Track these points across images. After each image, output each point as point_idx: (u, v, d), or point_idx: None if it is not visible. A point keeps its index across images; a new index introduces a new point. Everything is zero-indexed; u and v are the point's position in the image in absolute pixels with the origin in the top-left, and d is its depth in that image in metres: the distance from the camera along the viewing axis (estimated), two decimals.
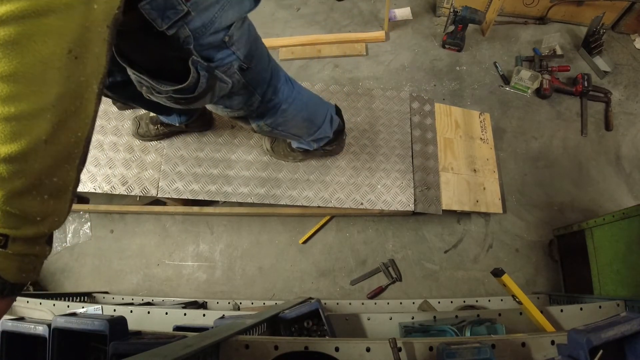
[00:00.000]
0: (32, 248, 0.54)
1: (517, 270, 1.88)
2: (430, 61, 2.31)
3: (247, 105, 1.08)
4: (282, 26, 2.42)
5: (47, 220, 0.54)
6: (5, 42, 0.43)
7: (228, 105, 1.07)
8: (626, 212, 1.38)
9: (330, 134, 1.50)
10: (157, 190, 1.70)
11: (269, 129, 1.22)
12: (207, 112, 1.70)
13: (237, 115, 1.13)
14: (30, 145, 0.47)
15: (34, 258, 0.55)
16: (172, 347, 0.63)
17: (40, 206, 0.52)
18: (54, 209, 0.54)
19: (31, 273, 0.56)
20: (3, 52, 0.43)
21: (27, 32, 0.43)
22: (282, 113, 1.19)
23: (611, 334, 0.67)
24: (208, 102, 0.95)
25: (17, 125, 0.46)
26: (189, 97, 0.86)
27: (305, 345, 0.74)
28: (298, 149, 1.62)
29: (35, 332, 0.90)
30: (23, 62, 0.44)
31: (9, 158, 0.47)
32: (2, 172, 0.47)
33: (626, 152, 2.09)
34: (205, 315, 1.28)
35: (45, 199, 0.52)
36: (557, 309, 1.20)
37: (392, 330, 1.20)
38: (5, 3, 0.41)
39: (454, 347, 0.68)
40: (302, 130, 1.37)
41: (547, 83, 2.14)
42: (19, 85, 0.45)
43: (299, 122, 1.30)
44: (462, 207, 1.81)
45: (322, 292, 1.87)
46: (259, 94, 1.07)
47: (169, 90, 0.83)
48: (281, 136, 1.38)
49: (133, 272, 1.94)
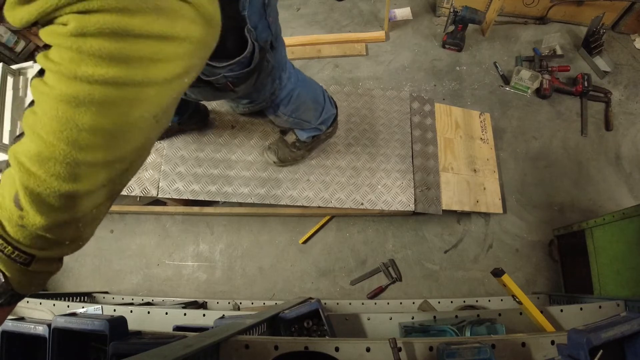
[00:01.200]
0: (50, 266, 0.56)
1: (517, 270, 1.88)
2: (430, 61, 2.31)
3: (271, 94, 1.11)
4: (282, 26, 2.41)
5: (74, 244, 0.56)
6: (103, 102, 0.44)
7: (255, 98, 1.08)
8: (626, 212, 1.38)
9: (334, 110, 1.53)
10: (158, 190, 1.70)
11: (286, 117, 1.26)
12: (201, 108, 1.69)
13: (259, 107, 1.15)
14: (89, 189, 0.49)
15: (47, 275, 0.57)
16: (172, 347, 0.63)
17: (74, 233, 0.54)
18: (83, 234, 0.56)
19: (39, 287, 0.58)
20: (97, 108, 0.44)
21: (127, 97, 0.45)
22: (297, 97, 1.23)
23: (611, 334, 0.67)
24: (252, 85, 0.96)
25: (85, 170, 0.48)
26: (244, 73, 0.88)
27: (305, 345, 0.74)
28: (305, 140, 1.61)
29: (35, 332, 0.90)
30: (114, 122, 0.46)
31: (67, 195, 0.48)
32: (55, 204, 0.48)
33: (626, 152, 2.09)
34: (205, 315, 1.28)
35: (79, 227, 0.53)
36: (557, 309, 1.20)
37: (392, 330, 1.20)
38: (111, 66, 0.43)
39: (454, 347, 0.68)
40: (312, 113, 1.40)
41: (547, 83, 2.14)
42: (101, 138, 0.46)
43: (310, 105, 1.34)
44: (462, 207, 1.81)
45: (322, 292, 1.87)
46: (278, 79, 1.10)
47: (225, 67, 0.85)
48: (295, 125, 1.39)
49: (133, 272, 1.94)
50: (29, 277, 0.54)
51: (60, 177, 0.47)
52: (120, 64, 0.43)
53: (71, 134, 0.45)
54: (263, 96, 1.11)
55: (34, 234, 0.50)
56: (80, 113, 0.44)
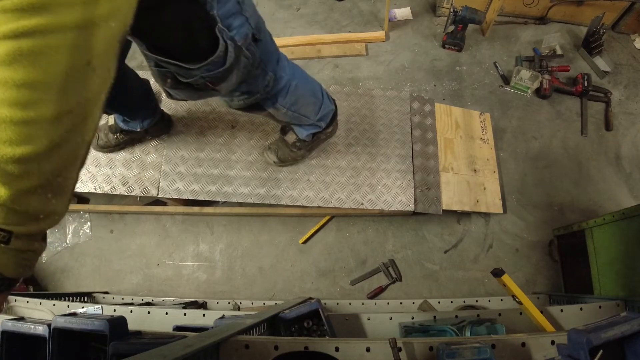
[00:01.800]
0: (32, 244, 0.57)
1: (517, 270, 1.88)
2: (430, 61, 2.31)
3: (265, 85, 1.11)
4: (282, 26, 2.42)
5: (48, 218, 0.57)
6: (30, 53, 0.46)
7: (247, 90, 1.09)
8: (626, 212, 1.38)
9: (332, 106, 1.53)
10: (158, 190, 1.70)
11: (285, 110, 1.26)
12: (165, 116, 1.71)
13: (255, 100, 1.15)
14: (44, 148, 0.50)
15: (31, 254, 0.58)
16: (172, 347, 0.63)
17: (44, 205, 0.55)
18: (56, 207, 0.57)
19: (27, 268, 0.59)
20: (28, 61, 0.46)
21: (52, 44, 0.46)
22: (295, 89, 1.23)
23: (611, 334, 0.67)
24: (234, 82, 0.97)
25: (34, 128, 0.49)
26: (220, 72, 0.89)
27: (305, 345, 0.74)
28: (305, 139, 1.60)
29: (35, 332, 0.90)
30: (47, 71, 0.47)
31: (23, 159, 0.49)
32: (14, 171, 0.49)
33: (626, 152, 2.09)
34: (205, 315, 1.28)
35: (48, 198, 0.55)
36: (557, 309, 1.20)
37: (392, 330, 1.20)
38: (33, 16, 0.44)
39: (454, 347, 0.68)
40: (310, 107, 1.40)
41: (547, 83, 2.14)
42: (41, 92, 0.48)
43: (308, 98, 1.34)
44: (462, 207, 1.81)
45: (322, 292, 1.87)
46: (271, 71, 1.10)
47: (201, 68, 0.86)
48: (294, 120, 1.39)
49: (133, 272, 1.94)
50: (13, 257, 0.55)
51: (12, 141, 0.48)
52: (41, 12, 0.44)
53: (11, 95, 0.46)
54: (257, 88, 1.11)
55: (4, 209, 0.51)
56: (14, 70, 0.45)
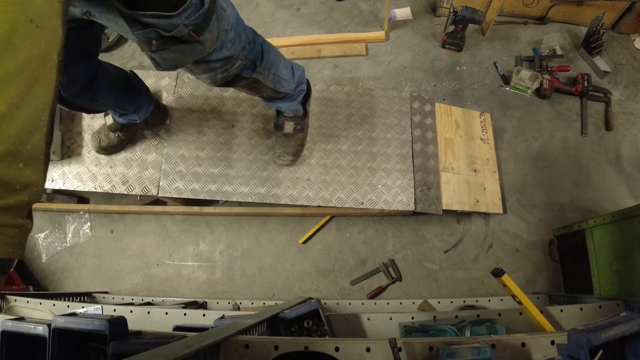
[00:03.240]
0: (15, 219, 0.57)
1: (517, 270, 1.88)
2: (430, 61, 2.31)
3: (242, 49, 1.12)
4: (282, 26, 2.42)
5: (26, 189, 0.57)
6: None
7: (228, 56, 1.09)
8: (626, 212, 1.38)
9: (298, 66, 1.54)
10: (158, 189, 1.70)
11: (267, 73, 1.27)
12: (160, 105, 1.73)
13: (237, 69, 1.16)
14: (3, 109, 0.51)
15: (17, 231, 0.58)
16: (172, 347, 0.63)
17: (17, 174, 0.55)
18: (31, 178, 0.57)
19: (16, 248, 0.59)
20: None
21: None
22: (268, 51, 1.25)
23: (611, 334, 0.67)
24: (215, 33, 0.98)
25: None
26: (201, 16, 0.90)
27: (305, 345, 0.74)
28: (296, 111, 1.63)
29: (35, 332, 0.90)
30: None
31: None
32: None
33: (626, 152, 2.09)
34: (205, 315, 1.28)
35: (21, 168, 0.55)
36: (557, 309, 1.20)
37: (392, 330, 1.20)
38: None
39: (454, 347, 0.68)
40: (284, 70, 1.40)
41: (547, 83, 2.14)
42: None
43: (279, 59, 1.35)
44: (462, 207, 1.81)
45: (322, 292, 1.87)
46: (243, 33, 1.12)
47: (181, 14, 0.87)
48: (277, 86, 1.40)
49: (133, 272, 1.94)
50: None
51: None
52: None
53: None
54: (236, 51, 1.12)
55: None
56: None
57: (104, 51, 2.31)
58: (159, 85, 1.86)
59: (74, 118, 1.81)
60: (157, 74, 1.88)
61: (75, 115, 1.82)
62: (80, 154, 1.76)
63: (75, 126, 1.80)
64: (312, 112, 1.85)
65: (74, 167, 1.74)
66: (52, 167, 1.74)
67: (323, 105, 1.88)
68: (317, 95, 1.89)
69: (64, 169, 1.74)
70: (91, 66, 1.26)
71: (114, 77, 1.42)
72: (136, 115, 1.61)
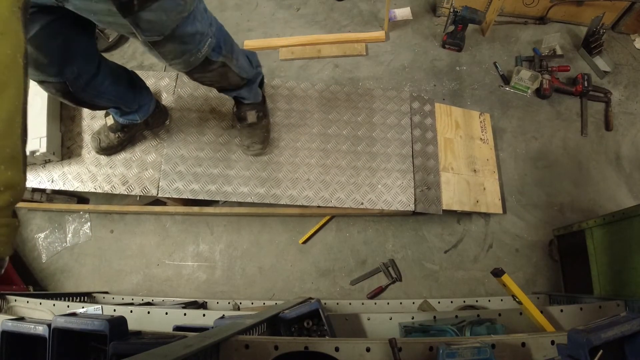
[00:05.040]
0: (2, 219, 0.60)
1: (517, 270, 1.88)
2: (430, 61, 2.31)
3: (209, 25, 1.14)
4: (282, 26, 2.42)
5: (9, 190, 0.60)
6: None
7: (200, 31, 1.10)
8: (626, 212, 1.38)
9: (254, 55, 1.58)
10: (158, 189, 1.70)
11: (230, 57, 1.29)
12: (160, 105, 1.74)
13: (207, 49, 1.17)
14: None
15: (5, 229, 0.61)
16: (172, 347, 0.63)
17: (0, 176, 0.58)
18: (14, 178, 0.60)
19: (5, 245, 0.62)
20: None
21: None
22: (227, 36, 1.28)
23: (611, 334, 0.67)
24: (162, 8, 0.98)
25: None
26: None
27: (305, 345, 0.74)
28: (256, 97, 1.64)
29: (35, 332, 0.90)
30: None
31: None
32: None
33: (626, 152, 2.09)
34: (205, 315, 1.28)
35: (2, 170, 0.58)
36: (557, 309, 1.20)
37: (392, 330, 1.20)
38: None
39: (454, 347, 0.68)
40: (243, 57, 1.43)
41: (547, 83, 2.14)
42: None
43: (237, 47, 1.37)
44: (462, 207, 1.81)
45: (322, 292, 1.87)
46: (206, 19, 1.13)
47: None
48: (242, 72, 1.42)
49: (133, 272, 1.94)
50: None
51: None
52: None
53: None
54: (205, 28, 1.13)
55: None
56: None
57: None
58: (158, 85, 1.86)
59: (74, 119, 1.81)
60: (157, 74, 1.88)
61: (76, 116, 1.82)
62: (80, 154, 1.76)
63: (75, 127, 1.80)
64: (312, 112, 1.86)
65: (74, 167, 1.74)
66: (52, 168, 1.74)
67: (323, 105, 1.88)
68: (317, 96, 1.89)
69: (64, 169, 1.74)
70: (93, 60, 1.27)
71: (117, 72, 1.44)
72: (137, 114, 1.61)
